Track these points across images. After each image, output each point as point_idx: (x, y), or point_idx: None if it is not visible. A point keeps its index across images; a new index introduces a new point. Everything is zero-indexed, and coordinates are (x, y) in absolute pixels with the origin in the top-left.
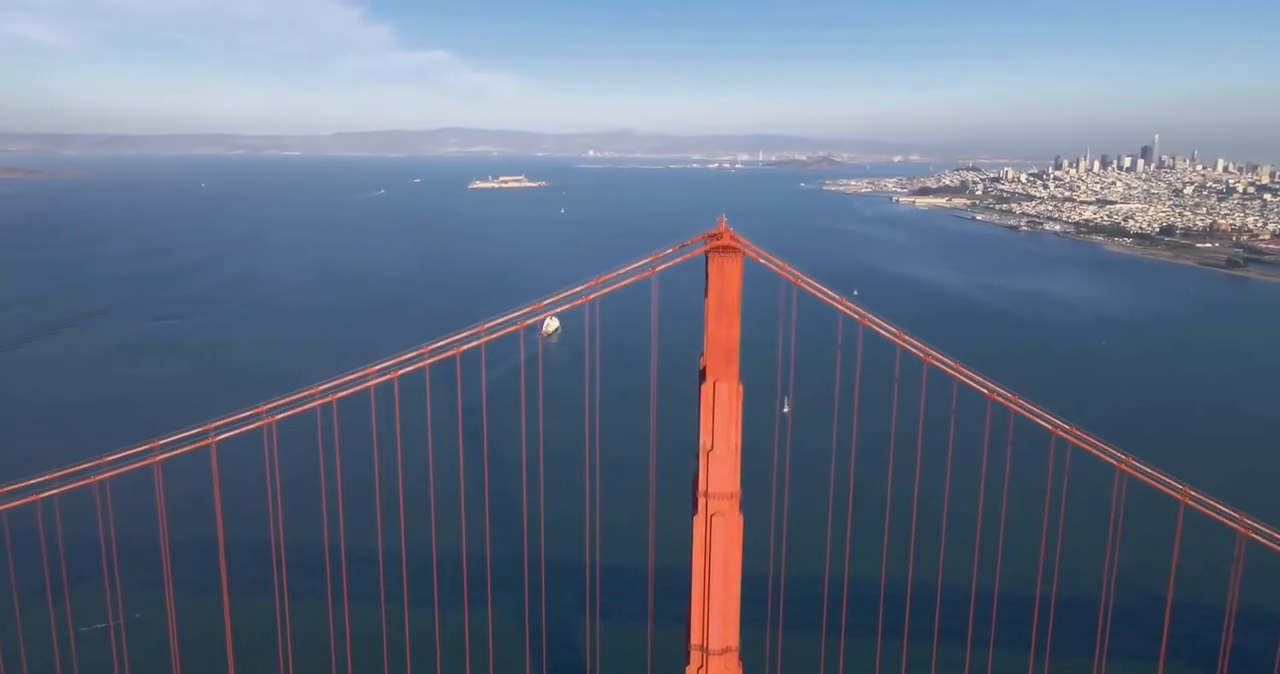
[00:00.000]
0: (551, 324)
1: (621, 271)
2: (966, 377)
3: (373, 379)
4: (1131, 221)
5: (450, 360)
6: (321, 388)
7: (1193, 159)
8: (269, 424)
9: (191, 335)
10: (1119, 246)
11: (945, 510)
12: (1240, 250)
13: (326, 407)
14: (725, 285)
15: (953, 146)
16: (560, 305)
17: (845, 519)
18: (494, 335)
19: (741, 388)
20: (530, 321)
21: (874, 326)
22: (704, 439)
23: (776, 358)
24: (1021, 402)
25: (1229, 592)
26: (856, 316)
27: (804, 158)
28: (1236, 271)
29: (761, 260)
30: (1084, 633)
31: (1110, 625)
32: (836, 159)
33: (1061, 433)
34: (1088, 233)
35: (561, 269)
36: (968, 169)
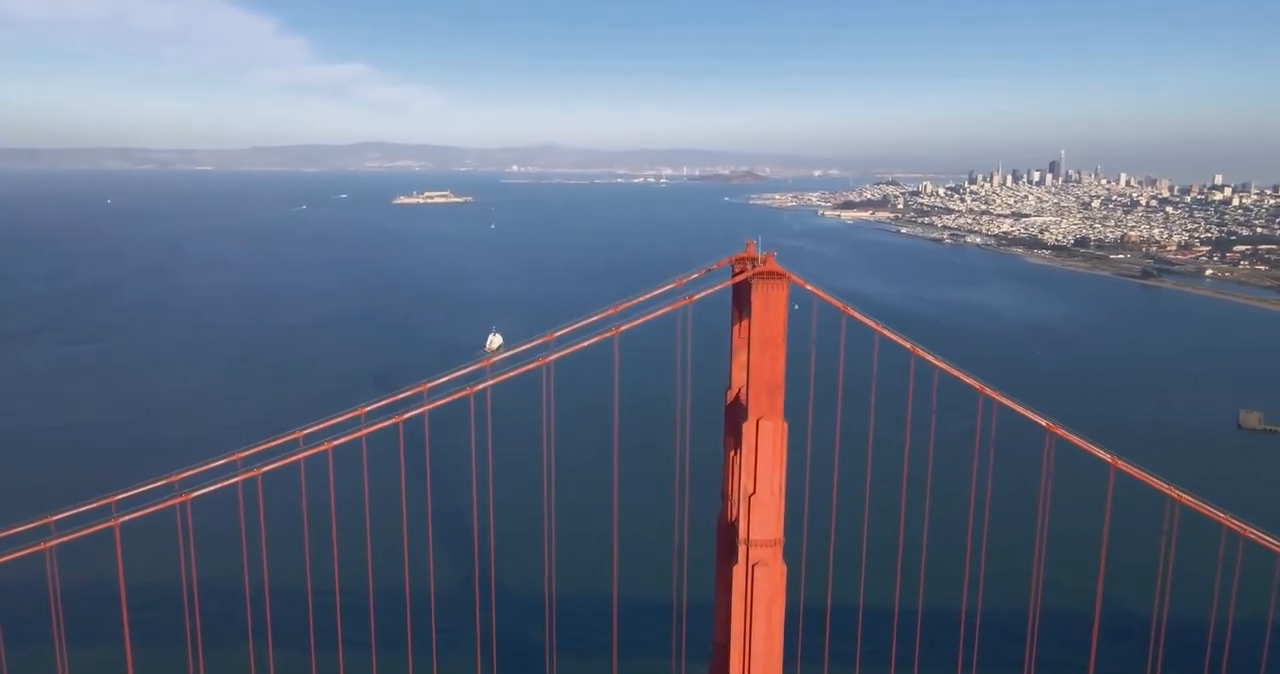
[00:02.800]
0: (495, 341)
1: (648, 298)
2: (1018, 408)
3: (364, 427)
4: (1047, 234)
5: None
6: (305, 432)
7: (1097, 173)
8: (253, 476)
9: (117, 361)
10: (1039, 258)
11: (985, 540)
12: (1151, 261)
13: (299, 448)
14: (770, 315)
15: (870, 161)
16: (585, 339)
17: (894, 552)
18: (502, 376)
19: (786, 426)
20: (550, 358)
21: (924, 356)
22: (745, 482)
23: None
24: (1072, 434)
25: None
26: (907, 346)
27: (727, 172)
28: (1151, 282)
29: (808, 287)
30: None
31: (1162, 655)
32: (759, 173)
33: (1122, 463)
34: (1007, 245)
35: (510, 286)
36: (888, 183)
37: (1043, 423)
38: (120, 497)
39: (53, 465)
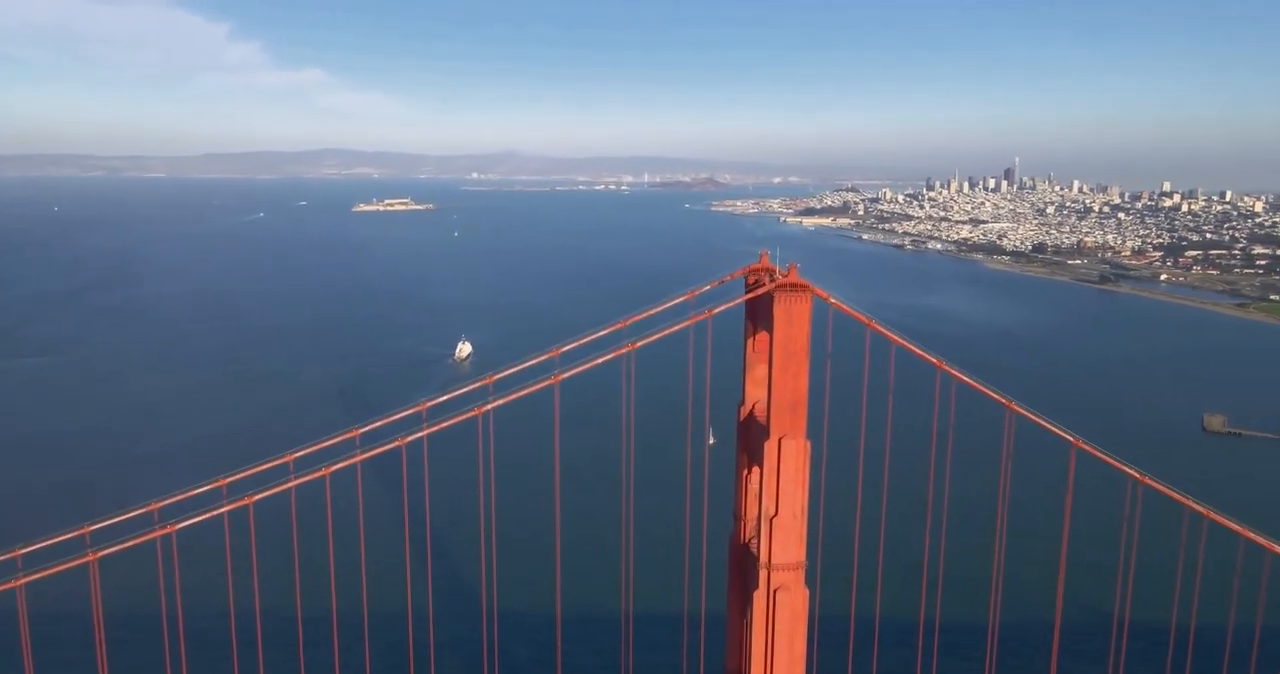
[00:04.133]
0: (464, 349)
1: (659, 311)
2: (1044, 423)
3: (360, 450)
4: (1005, 240)
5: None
6: (295, 455)
7: (1050, 180)
8: (244, 505)
9: (78, 373)
10: (999, 264)
11: (1002, 555)
12: (1107, 266)
13: (290, 473)
14: (793, 329)
15: (829, 168)
16: (597, 357)
17: (913, 568)
18: (512, 396)
19: (809, 445)
20: (560, 377)
21: (951, 372)
22: (766, 503)
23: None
24: (1097, 450)
25: None
26: (933, 361)
27: (688, 179)
28: (1108, 287)
29: (831, 301)
30: None
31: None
32: (720, 180)
33: (1149, 480)
34: (968, 251)
35: (477, 295)
36: (847, 190)
37: (1069, 438)
38: (96, 527)
39: (18, 485)
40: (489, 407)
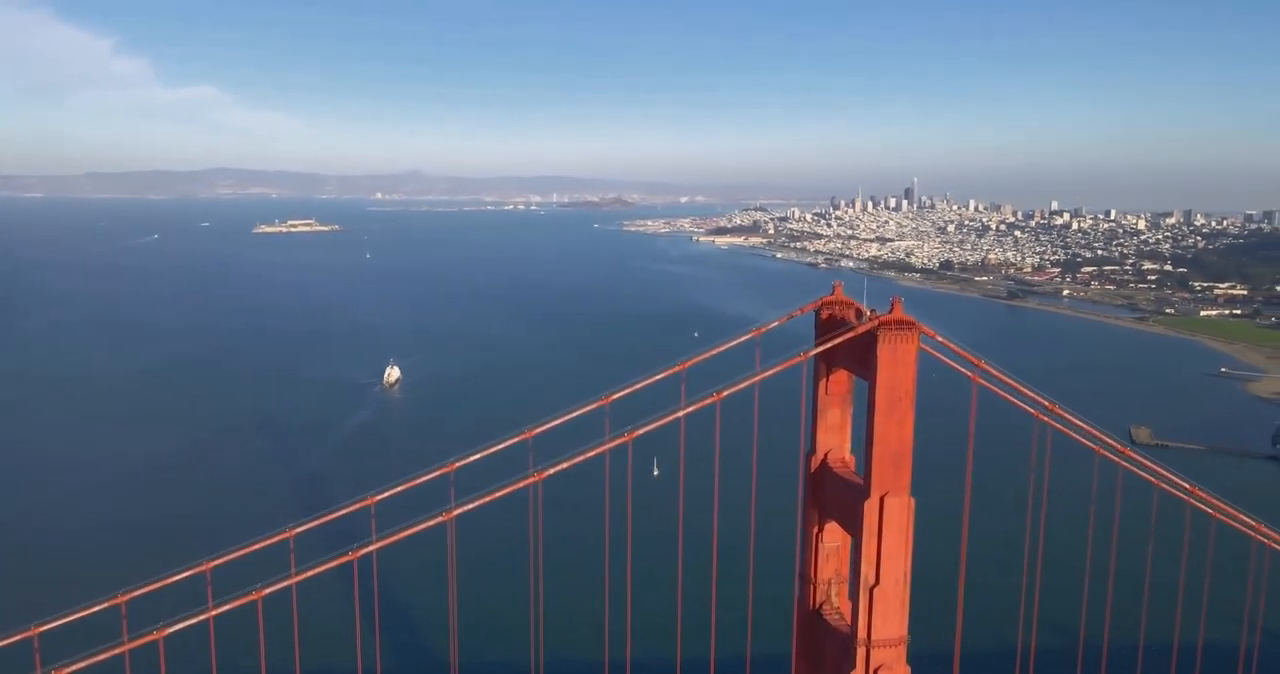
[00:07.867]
0: (393, 374)
1: (722, 350)
2: (1154, 472)
3: (398, 525)
4: (913, 257)
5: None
6: (296, 532)
7: (948, 199)
8: (251, 600)
9: None
10: (910, 281)
11: (1109, 613)
12: (1012, 283)
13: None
14: (898, 371)
15: (735, 187)
16: (662, 416)
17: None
18: (564, 463)
19: (914, 503)
20: (632, 435)
21: (1055, 425)
22: (865, 571)
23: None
24: (1221, 501)
25: None
26: (1046, 406)
27: (596, 199)
28: (1016, 303)
29: (937, 339)
30: None
31: None
32: (628, 200)
33: (1267, 529)
34: (880, 268)
35: (399, 318)
36: (756, 209)
37: (1185, 486)
38: (47, 627)
39: None
40: (547, 474)
